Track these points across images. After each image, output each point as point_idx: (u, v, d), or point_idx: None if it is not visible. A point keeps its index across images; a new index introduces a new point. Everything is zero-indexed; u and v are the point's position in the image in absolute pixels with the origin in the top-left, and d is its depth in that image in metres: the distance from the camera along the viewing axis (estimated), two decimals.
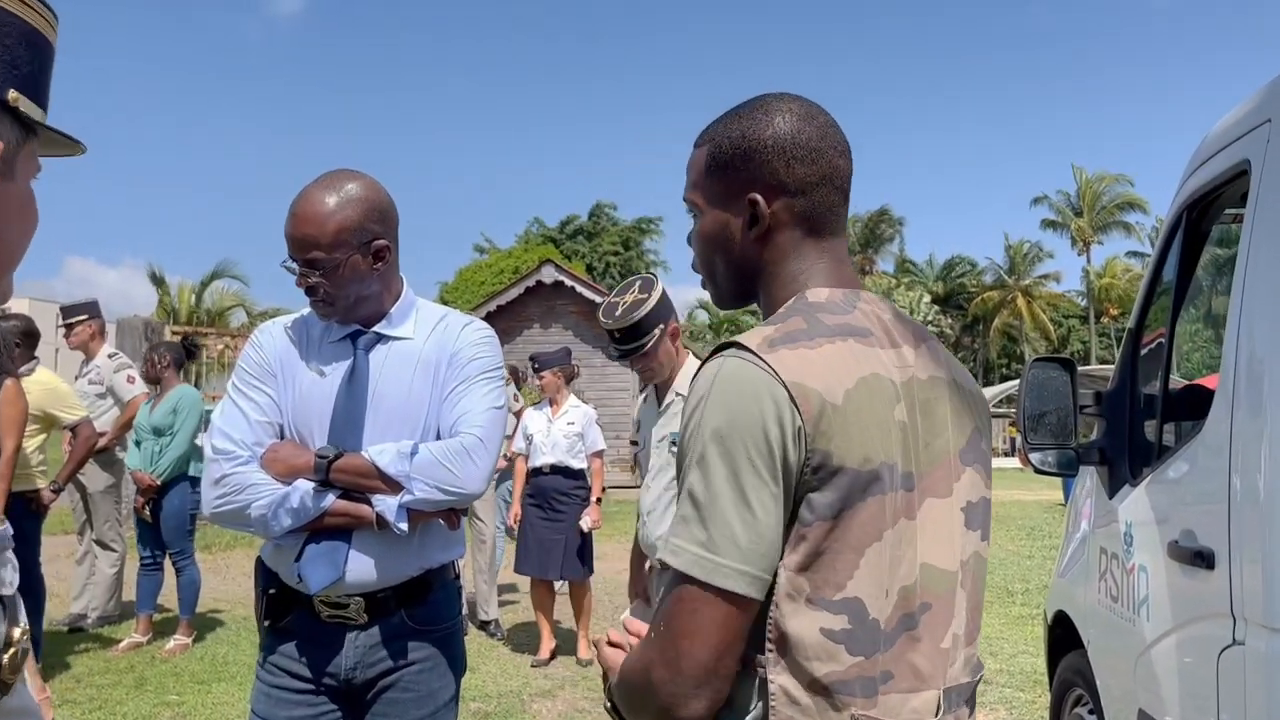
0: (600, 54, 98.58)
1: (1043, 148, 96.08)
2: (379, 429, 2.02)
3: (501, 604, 7.27)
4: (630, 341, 3.11)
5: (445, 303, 30.73)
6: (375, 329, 2.10)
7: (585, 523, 6.04)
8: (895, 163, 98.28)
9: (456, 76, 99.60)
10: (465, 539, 2.23)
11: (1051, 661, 3.76)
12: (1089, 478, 3.39)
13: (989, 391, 36.78)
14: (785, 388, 1.07)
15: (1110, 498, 3.08)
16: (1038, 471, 3.17)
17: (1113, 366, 3.11)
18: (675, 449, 3.08)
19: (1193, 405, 2.89)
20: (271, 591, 2.06)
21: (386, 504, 1.96)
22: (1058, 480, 18.13)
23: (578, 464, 6.11)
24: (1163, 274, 2.98)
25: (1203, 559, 2.32)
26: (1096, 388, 3.21)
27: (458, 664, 2.15)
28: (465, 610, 7.76)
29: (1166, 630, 2.52)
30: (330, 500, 1.97)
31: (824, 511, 1.06)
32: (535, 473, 6.11)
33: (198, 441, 6.12)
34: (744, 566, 1.04)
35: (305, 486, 1.96)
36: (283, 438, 2.05)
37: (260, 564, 2.13)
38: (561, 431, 6.10)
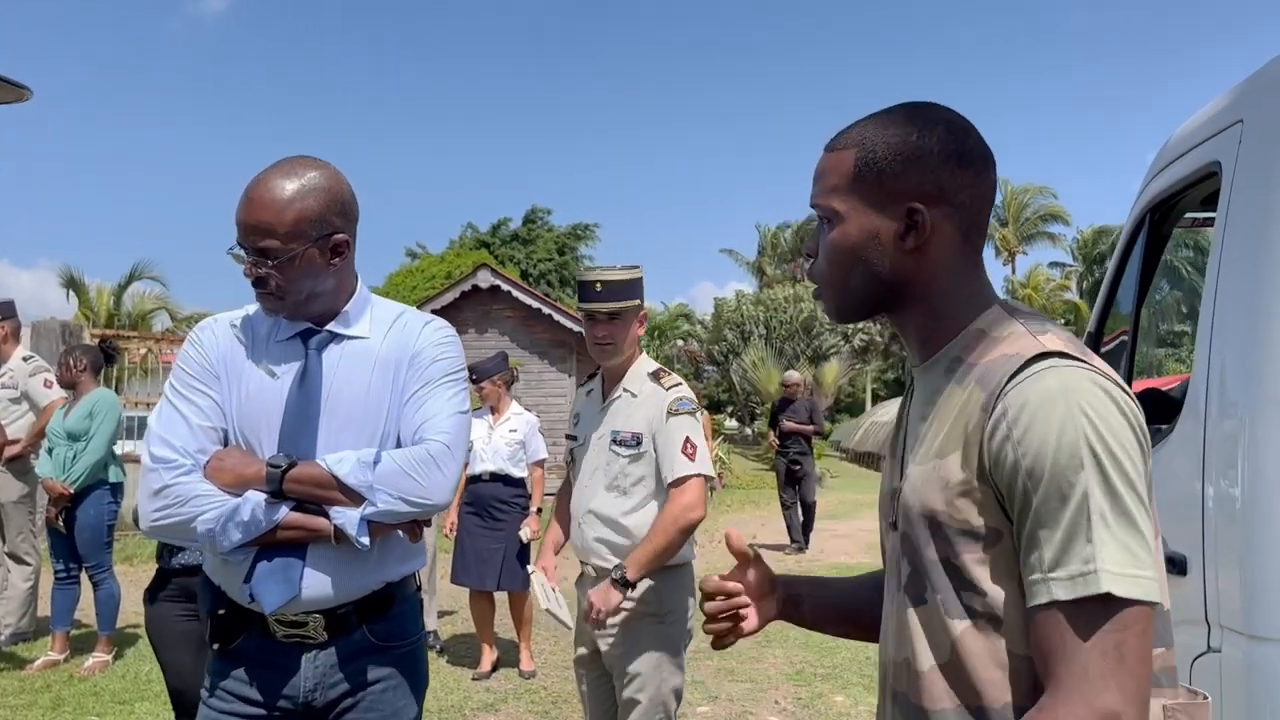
0: (536, 60, 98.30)
1: None
2: (334, 435, 1.88)
3: (439, 615, 7.08)
4: (609, 300, 2.94)
5: None
6: (329, 327, 1.96)
7: (525, 532, 5.91)
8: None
9: (388, 80, 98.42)
10: (426, 549, 2.10)
11: None
12: None
13: None
14: (1130, 395, 1.07)
15: None
16: None
17: None
18: (618, 447, 2.94)
19: (1153, 409, 2.88)
20: (220, 612, 1.91)
21: (346, 516, 1.83)
22: None
23: (518, 472, 5.98)
24: (1124, 276, 2.97)
25: (1174, 565, 2.29)
26: None
27: (421, 681, 2.03)
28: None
29: None
30: (284, 513, 1.83)
31: None
32: (473, 480, 5.94)
33: (115, 448, 5.87)
34: (1158, 576, 1.02)
35: (256, 498, 1.82)
36: (226, 444, 1.91)
37: (205, 581, 1.97)
38: (503, 439, 5.97)
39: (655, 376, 3.03)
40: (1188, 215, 2.92)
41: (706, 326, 43.96)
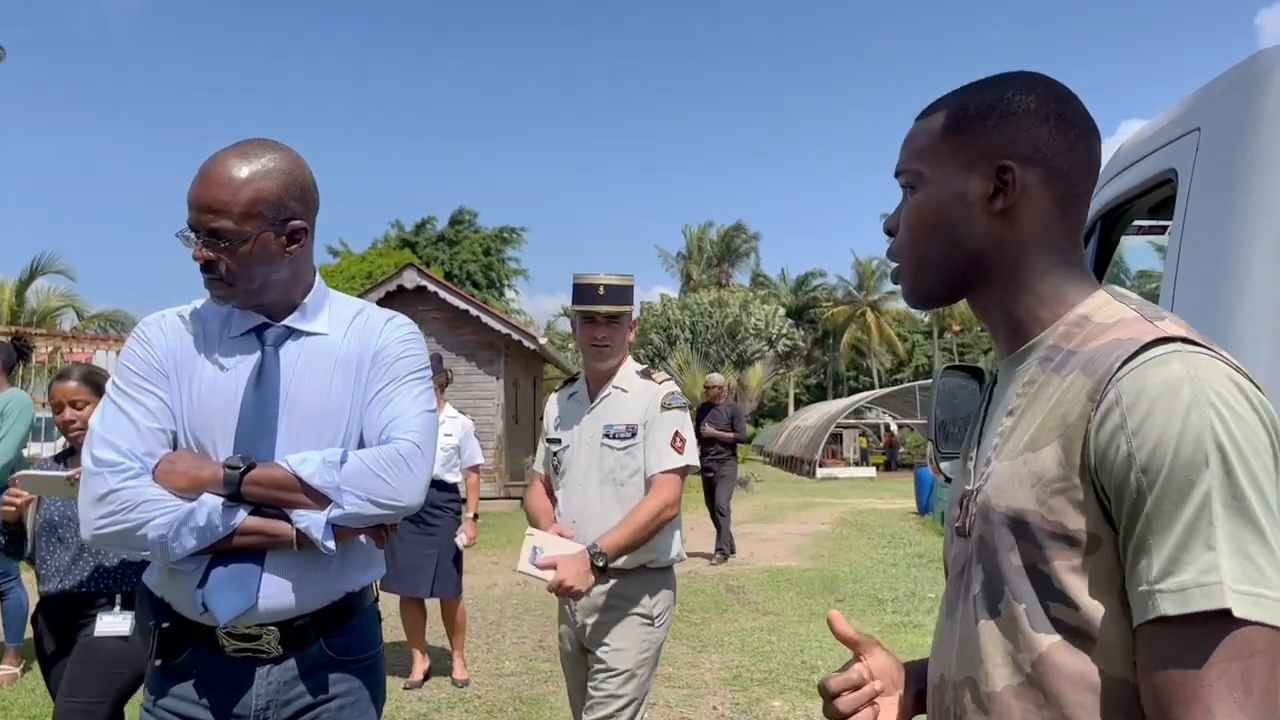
0: (467, 62, 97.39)
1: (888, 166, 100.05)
2: (293, 436, 1.78)
3: None
4: (611, 303, 3.04)
5: None
6: (286, 322, 1.86)
7: (462, 539, 5.78)
8: (751, 179, 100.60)
9: (308, 76, 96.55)
10: (384, 557, 2.00)
11: None
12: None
13: (839, 404, 37.97)
14: (1262, 391, 0.93)
15: None
16: (948, 481, 3.13)
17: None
18: (612, 441, 3.00)
19: None
20: (165, 625, 1.77)
21: (311, 520, 1.72)
22: (910, 489, 18.78)
23: (452, 477, 5.83)
24: None
25: None
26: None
27: (379, 696, 1.93)
28: None
29: None
30: (241, 517, 1.71)
31: None
32: None
33: (24, 450, 5.58)
34: None
35: (212, 502, 1.70)
36: (176, 447, 1.78)
37: (146, 593, 1.84)
38: (439, 444, 5.80)
39: (645, 374, 3.14)
40: (1136, 223, 2.95)
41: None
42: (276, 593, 1.74)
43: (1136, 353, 0.94)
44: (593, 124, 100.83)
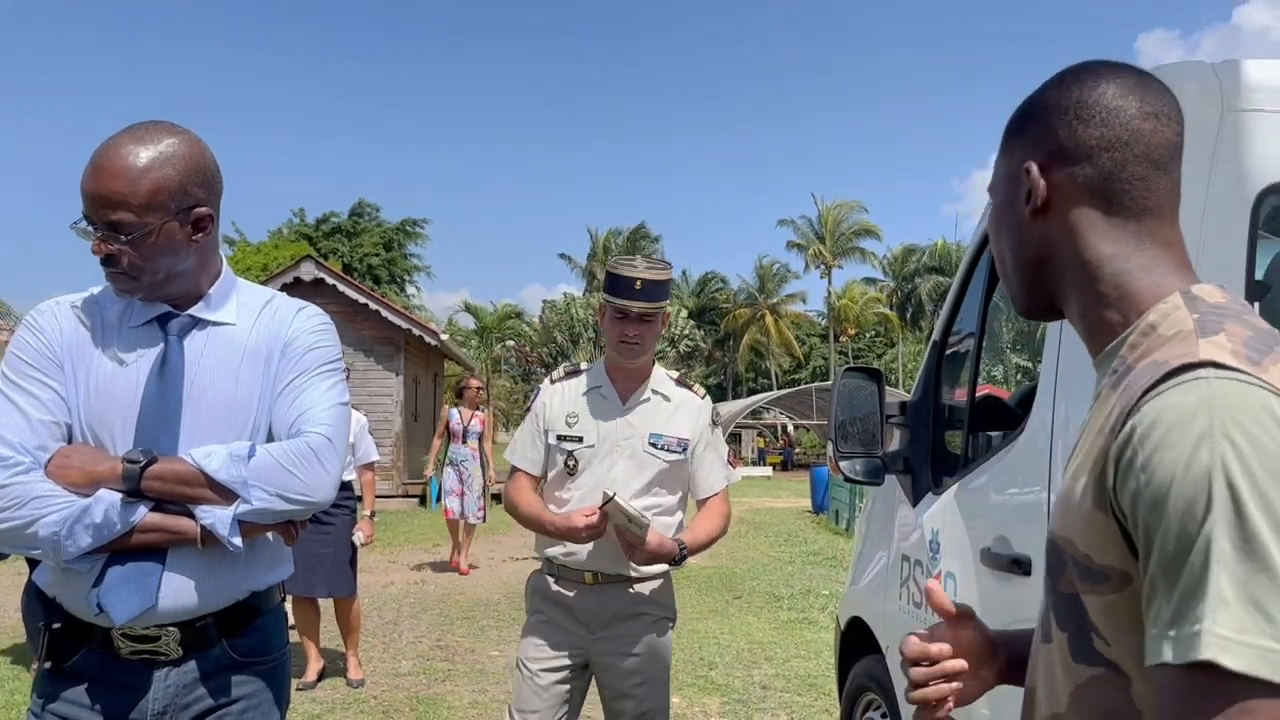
0: (376, 59, 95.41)
1: (791, 172, 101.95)
2: (198, 430, 1.70)
3: None
4: (647, 300, 2.83)
5: None
6: (191, 312, 1.78)
7: (359, 537, 5.67)
8: (654, 179, 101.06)
9: (207, 61, 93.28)
10: (291, 556, 1.94)
11: (843, 667, 3.81)
12: (878, 490, 3.47)
13: (738, 404, 38.43)
14: None
15: (914, 505, 3.14)
16: (847, 480, 3.20)
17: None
18: (660, 451, 2.87)
19: (995, 415, 3.01)
20: (55, 626, 1.68)
21: (217, 516, 1.65)
22: (806, 489, 19.15)
23: (346, 475, 5.71)
24: (969, 286, 3.07)
25: (1019, 566, 2.38)
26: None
27: (284, 700, 1.87)
28: None
29: None
30: (141, 513, 1.64)
31: None
32: None
33: None
34: None
35: (110, 497, 1.62)
36: (71, 441, 1.69)
37: (34, 592, 1.75)
38: None
39: (681, 382, 3.03)
40: None
41: (535, 328, 43.76)
42: (177, 592, 1.67)
43: (1162, 379, 0.87)
44: (502, 125, 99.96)
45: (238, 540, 1.67)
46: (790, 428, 41.10)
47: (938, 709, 1.17)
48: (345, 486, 5.65)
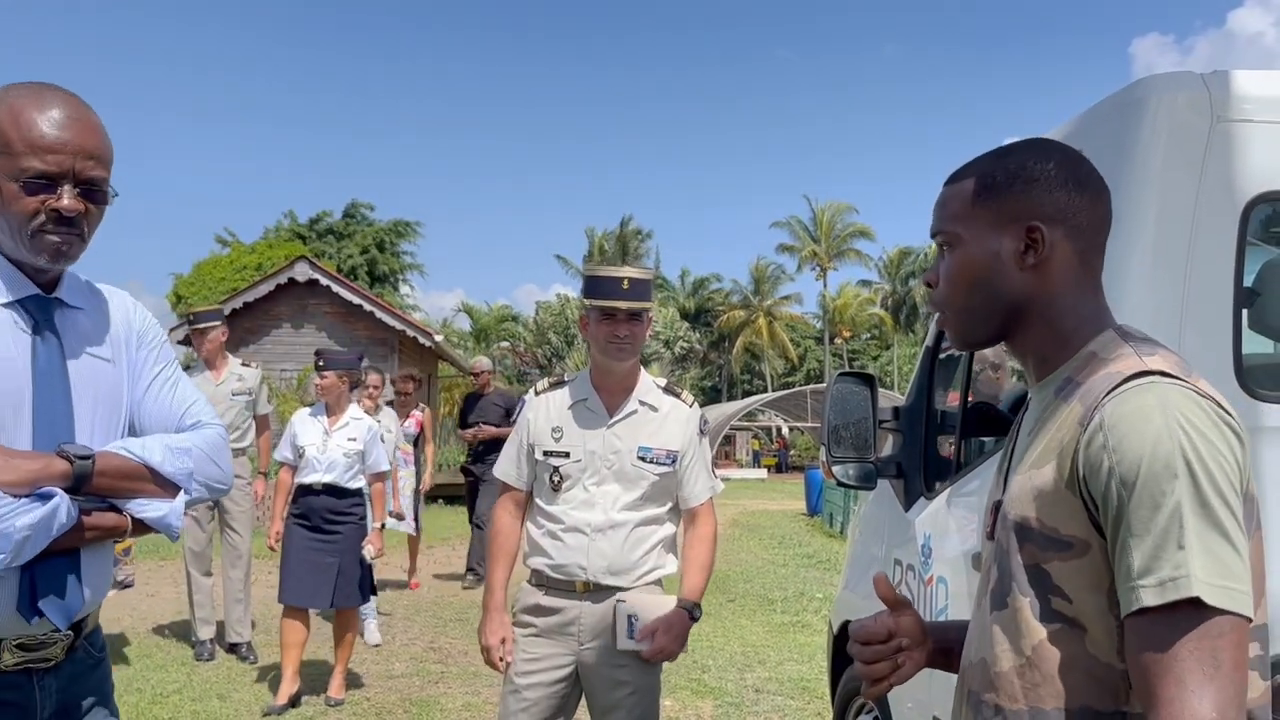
0: (371, 56, 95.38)
1: (785, 173, 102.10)
2: (86, 420, 1.64)
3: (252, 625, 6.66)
4: (635, 299, 2.82)
5: (180, 299, 28.25)
6: (58, 294, 1.66)
7: (369, 551, 5.35)
8: (650, 180, 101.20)
9: (213, 56, 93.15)
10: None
11: (835, 671, 3.82)
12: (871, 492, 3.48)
13: (732, 406, 38.46)
14: (1231, 415, 1.10)
15: (906, 510, 3.16)
16: (840, 484, 3.21)
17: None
18: (650, 465, 2.84)
19: (986, 421, 3.02)
20: None
21: (164, 508, 1.63)
22: (800, 491, 19.16)
23: (354, 483, 5.38)
24: None
25: None
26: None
27: (112, 689, 1.84)
28: (212, 634, 6.76)
29: None
30: (75, 513, 1.55)
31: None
32: (305, 490, 5.31)
33: None
34: (1250, 592, 1.03)
35: (66, 498, 1.53)
36: None
37: None
38: (340, 448, 5.31)
39: (669, 390, 3.00)
40: None
41: (531, 329, 43.73)
42: (91, 591, 1.64)
43: (1120, 384, 1.11)
44: (499, 125, 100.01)
45: (178, 531, 1.68)
46: (785, 430, 41.12)
47: (882, 682, 1.41)
48: (354, 495, 5.41)
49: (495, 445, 8.69)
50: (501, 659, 2.85)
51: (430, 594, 8.62)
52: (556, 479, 2.86)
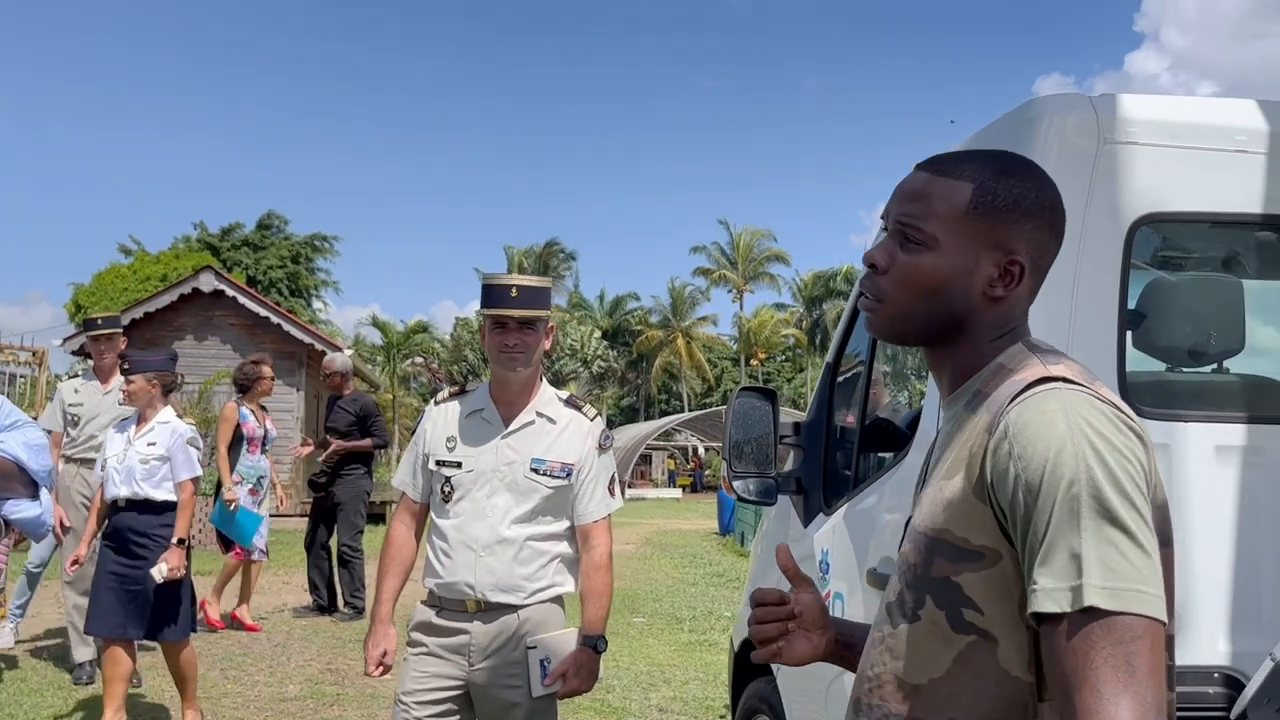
0: (286, 67, 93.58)
1: (703, 197, 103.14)
2: None
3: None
4: (525, 307, 2.75)
5: (80, 309, 27.33)
6: None
7: (161, 569, 4.49)
8: (569, 200, 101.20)
9: (105, 61, 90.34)
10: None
11: (735, 689, 3.80)
12: (773, 509, 3.47)
13: (649, 426, 38.56)
14: (1134, 420, 1.10)
15: (805, 526, 3.15)
16: (740, 500, 3.19)
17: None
18: (543, 477, 2.78)
19: (884, 437, 3.04)
20: None
21: (35, 508, 1.55)
22: (714, 510, 19.23)
23: (162, 495, 4.68)
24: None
25: None
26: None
27: None
28: (92, 655, 6.42)
29: None
30: None
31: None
32: (111, 508, 4.72)
33: None
34: (1158, 593, 1.00)
35: None
36: None
37: None
38: (138, 454, 4.67)
39: (571, 403, 2.92)
40: None
41: (446, 345, 43.22)
42: None
43: (1023, 390, 1.10)
44: (419, 141, 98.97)
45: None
46: (701, 450, 41.33)
47: (771, 644, 1.42)
48: (166, 509, 4.72)
49: (350, 460, 8.09)
50: (379, 665, 2.84)
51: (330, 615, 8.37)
52: (448, 489, 2.81)
